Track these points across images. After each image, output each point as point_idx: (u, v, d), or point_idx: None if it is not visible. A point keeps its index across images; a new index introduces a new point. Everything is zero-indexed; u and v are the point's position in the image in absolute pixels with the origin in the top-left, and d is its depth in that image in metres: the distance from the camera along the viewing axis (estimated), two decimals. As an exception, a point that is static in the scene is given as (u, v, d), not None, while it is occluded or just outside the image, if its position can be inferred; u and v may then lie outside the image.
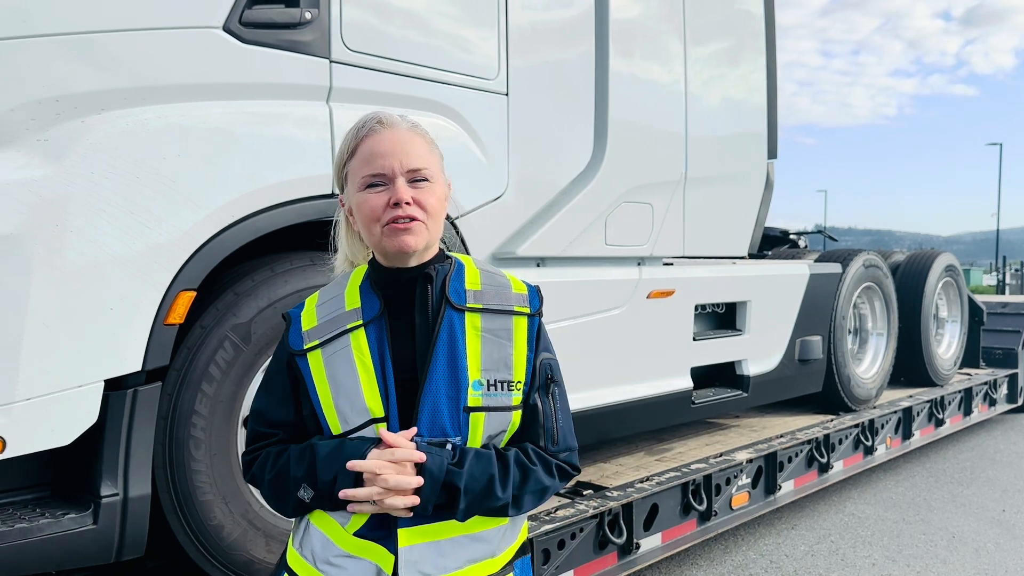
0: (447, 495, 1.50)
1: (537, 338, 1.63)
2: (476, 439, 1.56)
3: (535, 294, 1.67)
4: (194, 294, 2.80)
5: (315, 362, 1.60)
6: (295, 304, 3.08)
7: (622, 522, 4.11)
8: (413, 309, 1.60)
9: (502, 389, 1.57)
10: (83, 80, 2.56)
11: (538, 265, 4.13)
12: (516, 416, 1.59)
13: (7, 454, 2.41)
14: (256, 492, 3.01)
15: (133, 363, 2.68)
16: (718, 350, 5.23)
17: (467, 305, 1.60)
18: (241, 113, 2.91)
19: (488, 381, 1.56)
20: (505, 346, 1.59)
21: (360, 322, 1.59)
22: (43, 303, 2.46)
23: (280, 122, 3.00)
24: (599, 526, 4.00)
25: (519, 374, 1.59)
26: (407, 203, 1.53)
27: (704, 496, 4.65)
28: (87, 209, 2.55)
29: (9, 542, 2.41)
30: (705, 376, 5.28)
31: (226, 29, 2.86)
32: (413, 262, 1.61)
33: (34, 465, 2.70)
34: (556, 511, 3.91)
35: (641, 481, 4.41)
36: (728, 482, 4.87)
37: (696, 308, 5.03)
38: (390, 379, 1.55)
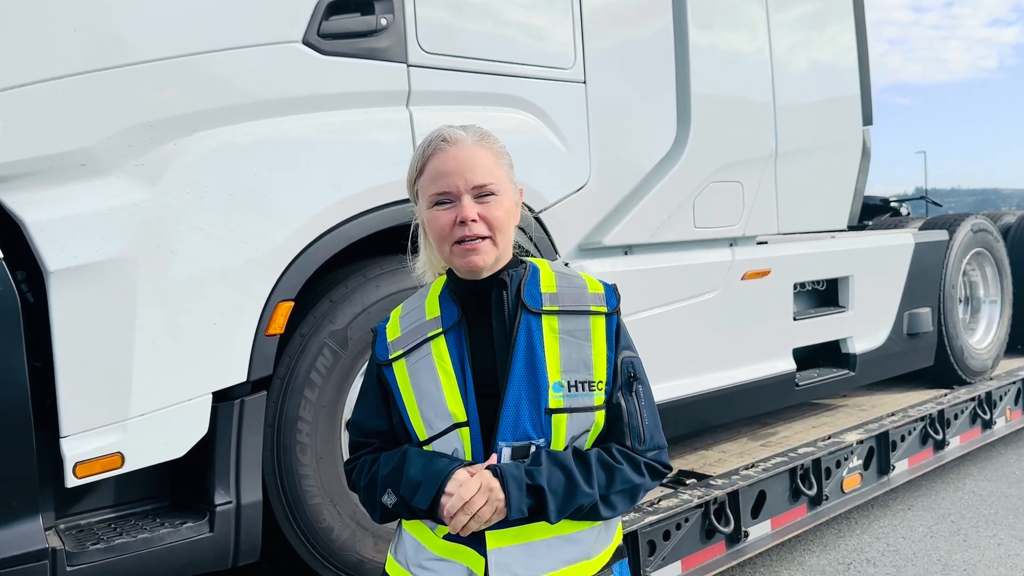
0: (534, 497, 1.50)
1: (617, 336, 1.63)
2: (559, 441, 1.56)
3: (612, 293, 1.67)
4: (292, 304, 2.87)
5: (400, 371, 1.65)
6: (388, 307, 3.18)
7: (728, 510, 4.02)
8: (490, 316, 1.63)
9: (583, 390, 1.57)
10: (173, 104, 2.65)
11: (625, 253, 4.06)
12: (599, 416, 1.59)
13: (125, 468, 2.52)
14: (362, 494, 3.07)
15: (238, 374, 2.77)
16: (821, 329, 5.05)
17: (543, 308, 1.62)
18: (325, 124, 2.96)
19: (568, 382, 1.57)
20: (584, 346, 1.59)
21: (440, 330, 1.63)
22: (150, 322, 2.56)
23: (362, 130, 3.04)
24: (704, 515, 3.92)
25: (600, 374, 1.59)
26: (473, 220, 1.55)
27: (814, 480, 4.51)
28: (185, 229, 2.64)
29: (133, 552, 2.53)
30: (809, 356, 5.11)
31: (305, 43, 2.90)
32: (485, 274, 1.63)
33: (152, 477, 2.82)
34: (659, 501, 3.85)
35: (746, 468, 4.31)
36: (838, 465, 4.70)
37: (795, 287, 4.87)
38: (470, 384, 1.58)
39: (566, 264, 3.07)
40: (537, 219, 3.52)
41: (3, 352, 2.31)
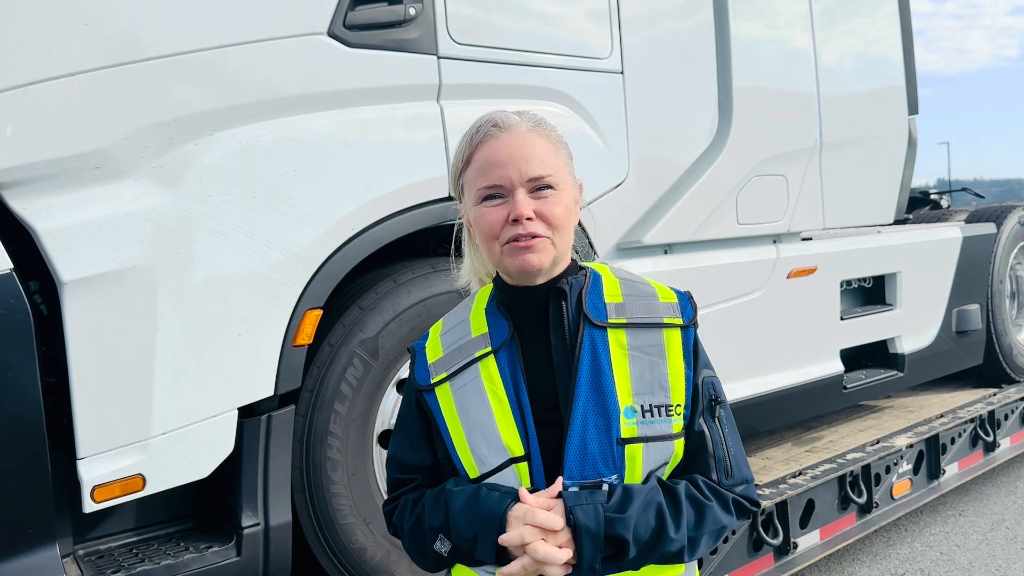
0: (614, 547, 1.29)
1: (695, 352, 1.43)
2: (635, 475, 1.35)
3: (687, 302, 1.46)
4: (320, 312, 2.71)
5: (444, 397, 1.43)
6: (420, 314, 3.03)
7: (776, 521, 3.84)
8: (547, 330, 1.41)
9: (660, 415, 1.36)
10: (192, 101, 2.49)
11: (665, 252, 3.88)
12: (678, 446, 1.38)
13: (147, 491, 2.37)
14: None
15: (265, 388, 2.61)
16: (869, 328, 4.85)
17: (609, 321, 1.40)
18: (352, 121, 2.79)
19: (643, 407, 1.35)
20: (658, 364, 1.38)
21: (489, 349, 1.42)
22: (171, 334, 2.41)
23: (391, 127, 2.86)
24: (752, 527, 3.75)
25: (678, 396, 1.38)
26: (528, 218, 1.34)
27: (863, 487, 4.31)
28: (207, 234, 2.48)
29: (157, 580, 2.38)
30: (855, 357, 4.90)
31: (331, 34, 2.73)
32: (540, 280, 1.41)
33: (176, 497, 2.67)
34: (706, 513, 3.66)
35: (793, 476, 4.11)
36: (888, 470, 4.50)
37: (842, 284, 4.67)
38: (527, 412, 1.36)
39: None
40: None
41: (16, 370, 2.16)
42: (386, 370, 2.91)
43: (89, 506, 2.29)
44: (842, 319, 4.63)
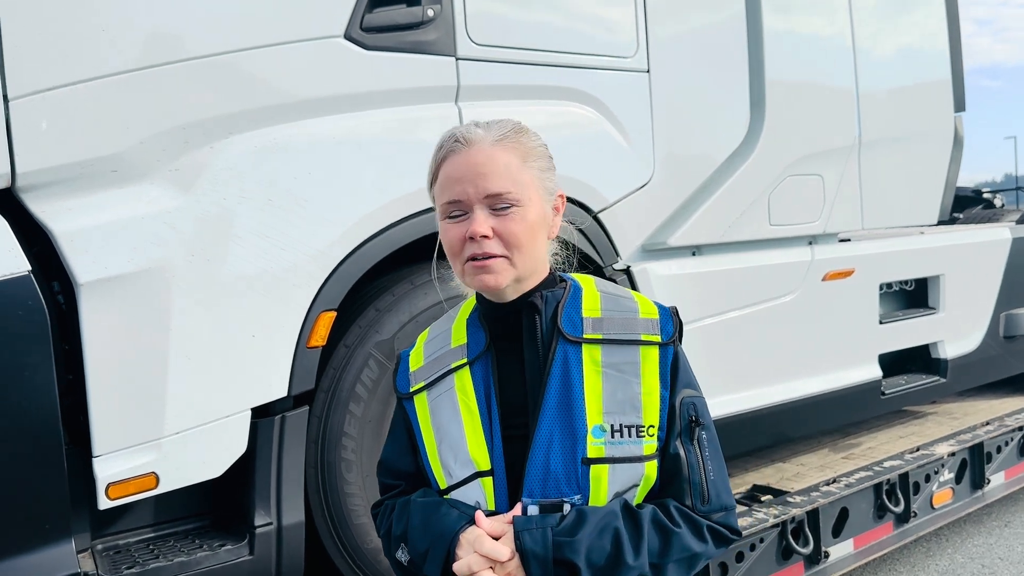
0: (567, 571, 1.25)
1: (673, 372, 1.37)
2: (600, 497, 1.30)
3: (668, 318, 1.39)
4: (335, 314, 2.72)
5: (421, 406, 1.43)
6: (437, 316, 3.01)
7: (807, 529, 3.75)
8: (523, 344, 1.38)
9: (630, 436, 1.31)
10: (208, 105, 2.51)
11: (693, 254, 3.81)
12: (650, 468, 1.33)
13: (160, 489, 2.41)
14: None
15: (279, 389, 2.63)
16: (909, 333, 4.70)
17: (584, 336, 1.35)
18: (368, 123, 2.79)
19: (612, 426, 1.31)
20: (631, 383, 1.33)
21: (465, 360, 1.40)
22: (185, 335, 2.44)
23: (408, 129, 2.86)
24: (781, 535, 3.66)
25: (651, 417, 1.33)
26: (485, 236, 1.30)
27: (900, 496, 4.19)
28: (221, 236, 2.51)
29: (169, 577, 2.42)
30: (895, 362, 4.76)
31: (347, 37, 2.74)
32: (511, 295, 1.38)
33: (195, 494, 2.71)
34: (732, 520, 3.59)
35: (827, 483, 4.01)
36: (928, 479, 4.37)
37: (881, 287, 4.53)
38: (496, 425, 1.34)
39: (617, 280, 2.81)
40: (597, 220, 3.29)
41: (33, 370, 2.21)
42: (402, 372, 2.92)
43: (104, 503, 2.34)
44: (881, 323, 4.50)
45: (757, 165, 3.88)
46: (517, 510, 1.30)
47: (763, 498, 3.88)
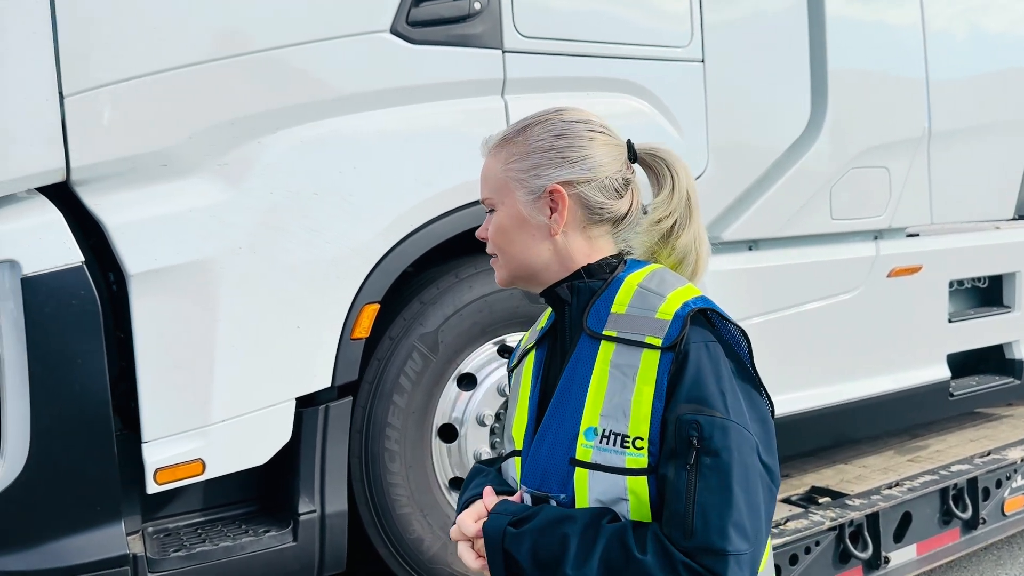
0: (515, 566, 1.26)
1: (674, 382, 1.22)
2: (583, 502, 1.25)
3: (680, 321, 1.24)
4: (378, 306, 2.75)
5: (514, 379, 1.53)
6: (481, 309, 3.02)
7: (866, 533, 3.63)
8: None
9: (614, 444, 1.23)
10: (256, 100, 2.56)
11: (750, 249, 3.72)
12: (635, 484, 1.22)
13: (206, 475, 2.48)
14: (454, 503, 2.94)
15: (323, 379, 2.67)
16: (981, 332, 4.51)
17: (603, 332, 1.30)
18: (414, 118, 2.81)
19: (603, 431, 1.24)
20: (627, 388, 1.24)
21: (533, 344, 1.48)
22: (232, 325, 2.50)
23: (453, 122, 2.87)
24: (839, 538, 3.56)
25: (639, 428, 1.22)
26: (483, 239, 1.45)
27: (968, 502, 4.02)
28: (269, 230, 2.56)
29: (213, 561, 2.49)
30: (966, 362, 4.57)
31: (393, 31, 2.75)
32: (536, 288, 1.43)
33: (243, 480, 2.78)
34: (786, 522, 3.51)
35: (889, 487, 3.87)
36: (999, 484, 4.18)
37: (951, 284, 4.36)
38: (532, 409, 1.40)
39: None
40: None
41: (84, 357, 2.30)
42: (446, 364, 2.93)
43: (152, 487, 2.42)
44: (950, 321, 4.33)
45: (818, 157, 3.76)
46: (518, 496, 1.35)
47: (821, 500, 3.78)
